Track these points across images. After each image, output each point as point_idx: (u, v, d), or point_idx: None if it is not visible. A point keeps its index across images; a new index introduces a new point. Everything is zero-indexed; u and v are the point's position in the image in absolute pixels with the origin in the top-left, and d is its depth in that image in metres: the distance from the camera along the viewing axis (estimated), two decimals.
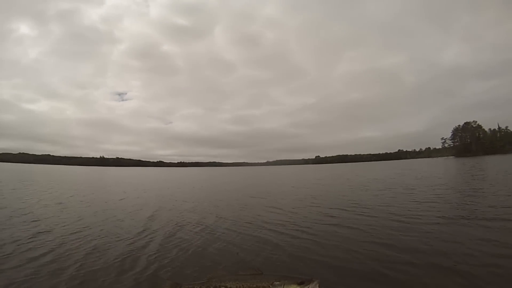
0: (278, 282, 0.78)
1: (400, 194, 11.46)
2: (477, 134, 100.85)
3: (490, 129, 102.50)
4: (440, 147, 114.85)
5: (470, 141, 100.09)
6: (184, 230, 6.74)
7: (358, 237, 5.56)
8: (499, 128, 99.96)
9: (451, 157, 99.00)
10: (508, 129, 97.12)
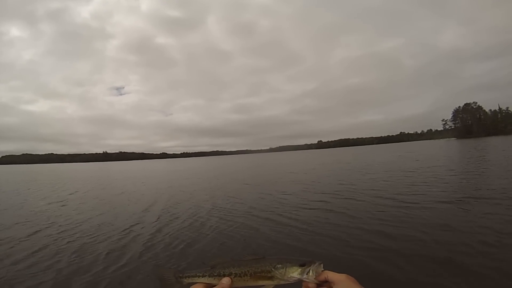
0: (280, 265, 0.87)
1: (400, 178, 11.42)
2: (478, 115, 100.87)
3: (490, 110, 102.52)
4: (442, 129, 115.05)
5: (471, 123, 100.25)
6: (198, 220, 6.82)
7: (349, 223, 5.52)
8: (499, 109, 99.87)
9: (453, 138, 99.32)
10: (509, 110, 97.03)
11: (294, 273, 0.83)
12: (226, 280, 0.86)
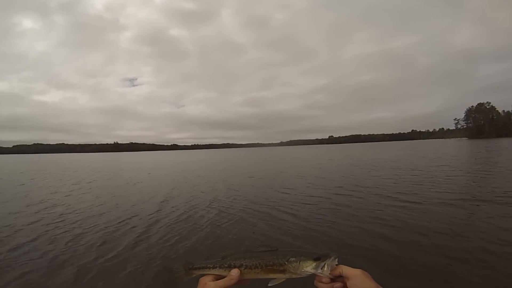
0: (293, 258, 0.75)
1: (407, 176, 11.32)
2: (490, 115, 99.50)
3: (503, 111, 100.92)
4: (453, 128, 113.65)
5: (483, 123, 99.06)
6: (198, 212, 6.83)
7: (346, 221, 5.46)
8: None
9: (464, 138, 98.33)
10: None
11: (308, 268, 0.81)
12: (235, 272, 0.84)
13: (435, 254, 3.78)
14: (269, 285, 0.84)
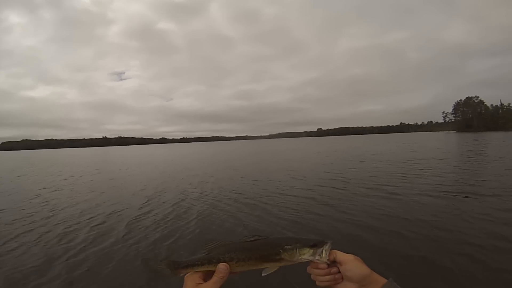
0: (289, 246, 0.81)
1: (392, 169, 11.43)
2: (478, 109, 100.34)
3: (492, 105, 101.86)
4: (442, 121, 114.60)
5: (472, 117, 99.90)
6: (186, 206, 6.83)
7: (328, 212, 5.57)
8: (501, 104, 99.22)
9: (452, 131, 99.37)
10: (511, 106, 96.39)
11: (306, 255, 0.78)
12: (222, 267, 0.78)
13: (416, 245, 3.84)
14: (262, 274, 0.82)
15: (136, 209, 6.78)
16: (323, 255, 0.77)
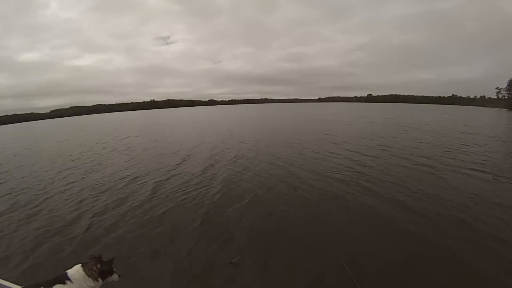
0: None
1: (434, 140, 11.36)
2: None
3: None
4: (495, 97, 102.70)
5: None
6: (222, 168, 7.58)
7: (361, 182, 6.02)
8: None
9: (504, 109, 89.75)
10: None
11: None
12: None
13: (440, 231, 3.79)
14: None
15: (153, 175, 7.27)
16: None
